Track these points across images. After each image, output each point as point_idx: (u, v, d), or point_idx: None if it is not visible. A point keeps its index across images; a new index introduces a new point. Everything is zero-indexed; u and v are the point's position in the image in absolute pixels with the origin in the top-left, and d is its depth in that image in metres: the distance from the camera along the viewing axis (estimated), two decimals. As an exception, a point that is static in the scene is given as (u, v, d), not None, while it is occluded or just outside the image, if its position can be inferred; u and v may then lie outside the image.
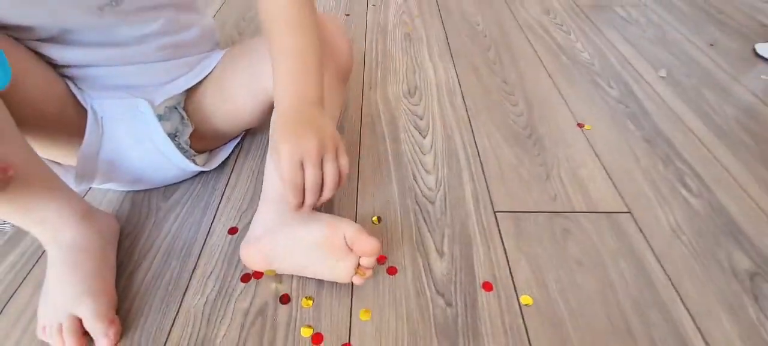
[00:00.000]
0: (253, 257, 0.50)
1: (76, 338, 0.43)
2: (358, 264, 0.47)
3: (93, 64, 0.51)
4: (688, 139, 0.73)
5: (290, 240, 0.48)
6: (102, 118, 0.53)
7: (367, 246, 0.45)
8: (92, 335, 0.44)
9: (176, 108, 0.58)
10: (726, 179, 0.65)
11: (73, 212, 0.48)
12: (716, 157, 0.69)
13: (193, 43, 0.58)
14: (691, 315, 0.48)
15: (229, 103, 0.59)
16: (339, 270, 0.47)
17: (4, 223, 0.57)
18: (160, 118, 0.55)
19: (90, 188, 0.62)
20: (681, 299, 0.50)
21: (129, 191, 0.62)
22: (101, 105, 0.52)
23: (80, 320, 0.44)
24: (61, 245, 0.46)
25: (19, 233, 0.56)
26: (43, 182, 0.46)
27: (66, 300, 0.44)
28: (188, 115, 0.60)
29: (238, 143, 0.70)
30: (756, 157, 0.69)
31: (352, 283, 0.48)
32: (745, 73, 0.91)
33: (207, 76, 0.59)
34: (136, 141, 0.55)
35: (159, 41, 0.53)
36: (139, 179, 0.59)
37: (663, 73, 0.89)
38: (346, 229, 0.46)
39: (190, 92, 0.59)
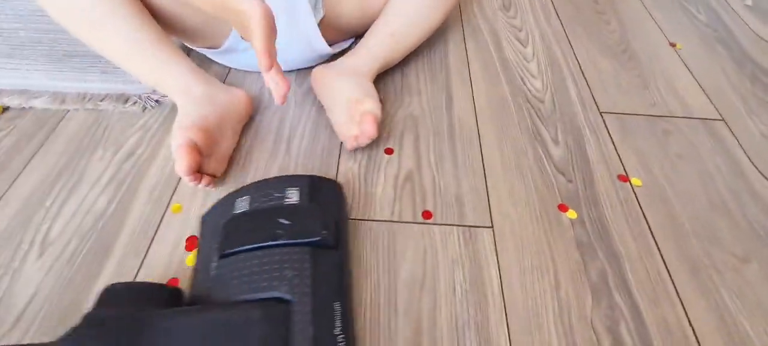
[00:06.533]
0: (316, 78, 0.63)
1: (189, 152, 0.48)
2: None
3: None
4: (774, 63, 0.77)
5: (335, 87, 0.60)
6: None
7: (366, 130, 0.53)
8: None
9: None
10: (811, 97, 0.70)
11: (200, 75, 0.57)
12: (802, 79, 0.74)
13: None
14: (781, 201, 0.55)
15: None
16: (344, 129, 0.56)
17: (153, 94, 0.64)
18: None
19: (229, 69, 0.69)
20: (772, 188, 0.57)
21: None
22: None
23: (194, 142, 0.49)
24: (191, 95, 0.55)
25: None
26: (176, 54, 0.55)
27: (188, 125, 0.51)
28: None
29: (354, 41, 0.76)
30: (838, 82, 0.74)
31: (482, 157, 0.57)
32: (828, 8, 0.92)
33: None
34: (288, 25, 0.60)
35: None
36: (281, 60, 0.65)
37: (749, 2, 0.91)
38: (364, 105, 0.55)
39: None
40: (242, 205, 0.45)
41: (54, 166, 0.56)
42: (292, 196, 0.45)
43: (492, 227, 0.51)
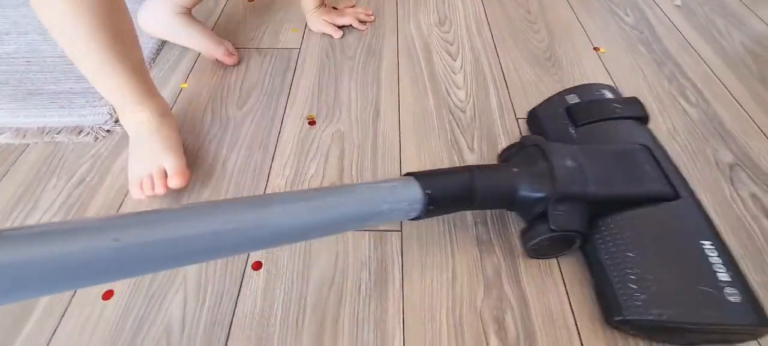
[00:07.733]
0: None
1: (163, 181, 0.57)
2: None
3: None
4: (693, 61, 0.81)
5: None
6: None
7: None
8: (170, 180, 0.57)
9: None
10: (722, 92, 0.74)
11: (162, 106, 0.62)
12: (717, 76, 0.77)
13: None
14: (676, 193, 0.59)
15: None
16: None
17: (104, 124, 0.71)
18: None
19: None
20: (669, 182, 0.61)
21: (208, 104, 0.75)
22: None
23: (165, 170, 0.58)
24: (153, 123, 0.60)
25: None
26: (147, 84, 0.60)
27: (154, 155, 0.58)
28: None
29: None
30: (755, 76, 0.77)
31: (400, 170, 0.62)
32: (760, 3, 0.96)
33: None
34: None
35: None
36: None
37: (678, 2, 0.95)
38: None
39: None
40: (573, 99, 0.64)
41: (13, 195, 0.62)
42: (607, 93, 0.65)
43: (401, 231, 0.56)
